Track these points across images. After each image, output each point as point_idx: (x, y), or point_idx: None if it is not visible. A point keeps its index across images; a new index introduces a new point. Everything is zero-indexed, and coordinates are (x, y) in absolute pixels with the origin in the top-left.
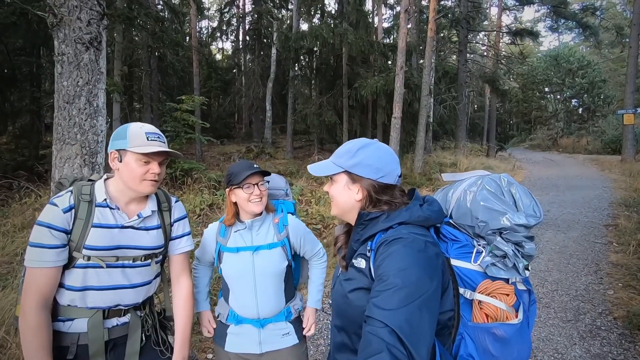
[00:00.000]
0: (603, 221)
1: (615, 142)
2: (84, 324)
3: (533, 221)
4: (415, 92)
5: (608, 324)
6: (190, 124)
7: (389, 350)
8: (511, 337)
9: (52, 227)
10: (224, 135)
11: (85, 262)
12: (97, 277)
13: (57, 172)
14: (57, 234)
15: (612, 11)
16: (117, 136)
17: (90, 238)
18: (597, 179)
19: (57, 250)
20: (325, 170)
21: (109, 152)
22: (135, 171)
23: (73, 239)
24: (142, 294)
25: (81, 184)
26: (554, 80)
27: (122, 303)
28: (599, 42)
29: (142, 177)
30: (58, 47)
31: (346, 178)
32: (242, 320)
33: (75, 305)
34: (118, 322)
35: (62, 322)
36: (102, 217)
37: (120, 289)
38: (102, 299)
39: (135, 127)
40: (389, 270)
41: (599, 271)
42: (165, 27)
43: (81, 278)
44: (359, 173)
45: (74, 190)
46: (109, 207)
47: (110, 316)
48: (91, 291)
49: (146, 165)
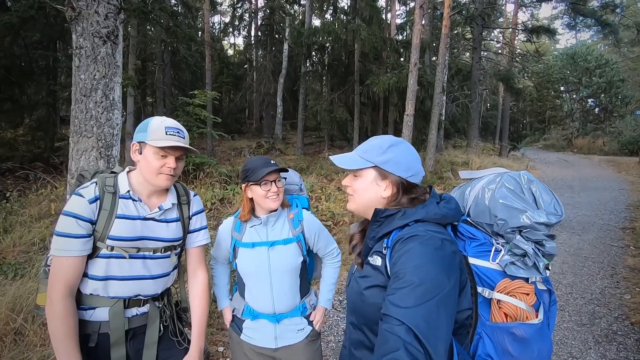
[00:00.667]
0: (620, 224)
1: (633, 144)
2: (105, 313)
3: (554, 219)
4: (428, 89)
5: (625, 329)
6: (202, 118)
7: (405, 348)
8: (531, 337)
9: (79, 217)
10: (234, 130)
11: (109, 252)
12: (119, 267)
13: (74, 164)
14: (83, 224)
15: (632, 8)
16: (140, 129)
17: (114, 229)
18: (613, 181)
19: (83, 240)
20: (353, 163)
21: (132, 144)
22: (152, 164)
23: (98, 229)
24: (161, 285)
25: (104, 176)
26: (570, 79)
27: (142, 293)
28: (618, 40)
29: (158, 171)
30: (76, 41)
31: (375, 173)
32: (258, 315)
33: (97, 294)
34: (138, 311)
35: (84, 311)
36: (125, 208)
37: (140, 280)
38: (124, 288)
39: (156, 121)
40: (405, 267)
41: (615, 275)
42: (179, 22)
43: (104, 268)
44: (390, 170)
45: (98, 182)
46: (131, 198)
47: (130, 306)
48: (113, 281)
49: (163, 159)
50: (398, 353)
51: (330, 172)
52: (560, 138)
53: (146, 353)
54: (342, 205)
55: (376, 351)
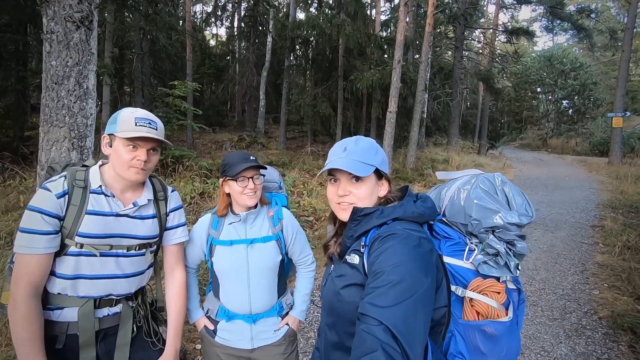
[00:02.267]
0: (590, 222)
1: (603, 145)
2: (74, 313)
3: (525, 220)
4: (411, 87)
5: (593, 323)
6: (182, 110)
7: (383, 348)
8: (501, 334)
9: (45, 213)
10: (216, 123)
11: (78, 250)
12: (89, 265)
13: (44, 155)
14: (50, 219)
15: (606, 14)
16: (110, 121)
17: (83, 225)
18: (584, 180)
19: (49, 237)
20: (363, 170)
21: (102, 137)
22: (123, 157)
23: (66, 225)
24: (135, 284)
25: (75, 169)
26: (546, 80)
27: (114, 293)
28: (592, 44)
29: (129, 164)
30: (47, 25)
31: (374, 176)
32: (234, 316)
33: (66, 293)
34: (109, 312)
35: (51, 311)
36: (96, 204)
37: (112, 279)
38: (94, 288)
39: (126, 111)
40: (383, 266)
41: (585, 271)
42: (159, 10)
43: (73, 266)
44: (384, 169)
45: (68, 176)
46: (104, 194)
47: (101, 306)
48: (83, 280)
49: (133, 152)
50: (375, 354)
51: (313, 167)
52: (535, 138)
53: (118, 354)
54: (324, 200)
55: (353, 352)
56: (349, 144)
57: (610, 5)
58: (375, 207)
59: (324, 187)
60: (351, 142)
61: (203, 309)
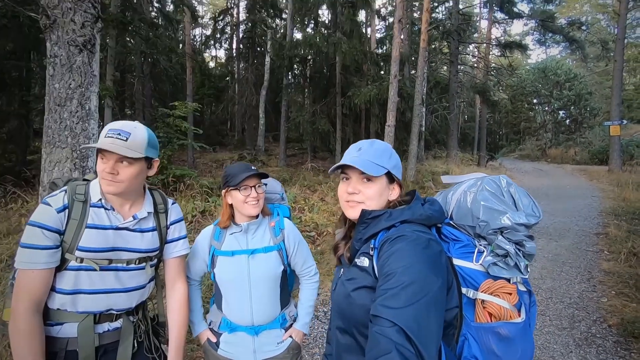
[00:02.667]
0: (594, 230)
1: (602, 153)
2: (73, 329)
3: (533, 220)
4: (408, 101)
5: (603, 331)
6: (183, 130)
7: (397, 350)
8: (515, 336)
9: (45, 227)
10: (216, 142)
11: (78, 264)
12: (89, 280)
13: (46, 176)
14: (50, 234)
15: (597, 26)
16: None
17: (84, 239)
18: (586, 189)
19: (49, 252)
20: (375, 170)
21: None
22: (99, 168)
23: (66, 239)
24: (136, 299)
25: (76, 184)
26: (542, 92)
27: (114, 307)
28: (585, 55)
29: (100, 175)
30: (50, 49)
31: (386, 179)
32: (236, 328)
33: (65, 309)
34: (109, 327)
35: (51, 327)
36: (96, 217)
37: (112, 293)
38: (94, 303)
39: (109, 124)
40: (394, 267)
41: (591, 279)
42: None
43: (72, 281)
44: (397, 173)
45: (68, 190)
46: (103, 207)
47: (101, 321)
48: (82, 295)
49: (103, 164)
50: (390, 355)
51: (313, 184)
52: (534, 148)
53: None
54: (325, 216)
55: (367, 354)
56: (364, 145)
57: (600, 18)
58: (384, 209)
59: (325, 202)
60: (366, 144)
61: (206, 322)
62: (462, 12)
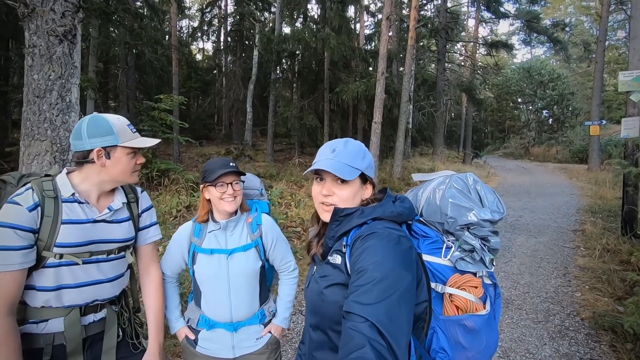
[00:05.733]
0: (571, 226)
1: (582, 152)
2: (59, 324)
3: (497, 216)
4: (395, 98)
5: (576, 324)
6: (168, 123)
7: (370, 344)
8: (480, 327)
9: (18, 227)
10: (203, 136)
11: (58, 261)
12: (71, 274)
13: (25, 169)
14: (23, 234)
15: (580, 28)
16: (100, 132)
17: (61, 235)
18: (565, 187)
19: (24, 252)
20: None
21: (94, 150)
22: (128, 165)
23: (41, 238)
24: (118, 287)
25: (40, 180)
26: (526, 91)
27: (99, 298)
28: (568, 56)
29: (133, 169)
30: (29, 39)
31: (359, 180)
32: (215, 324)
33: (50, 305)
34: (95, 317)
35: (34, 324)
36: (71, 212)
37: (97, 284)
38: (80, 295)
39: (116, 121)
40: (366, 264)
41: (567, 274)
42: (144, 25)
43: (54, 277)
44: (370, 174)
45: (35, 187)
46: (77, 201)
47: (86, 313)
48: (67, 289)
49: (134, 158)
50: (364, 350)
51: (300, 179)
52: (518, 146)
53: (105, 358)
54: (311, 211)
55: (341, 349)
56: (338, 146)
57: (584, 20)
58: (356, 207)
59: (312, 198)
60: (340, 144)
61: (184, 319)
62: (450, 10)
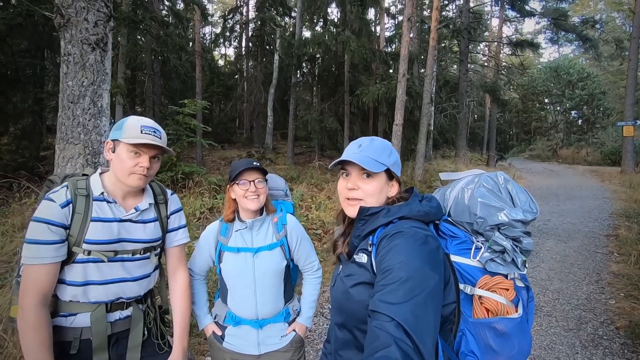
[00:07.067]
0: (604, 231)
1: (615, 154)
2: (86, 319)
3: (530, 216)
4: (417, 100)
5: (610, 333)
6: (192, 127)
7: (396, 344)
8: (512, 331)
9: (50, 223)
10: (225, 139)
11: (86, 257)
12: (98, 271)
13: (60, 172)
14: (56, 229)
15: (611, 24)
16: (116, 127)
17: (90, 232)
18: (597, 190)
19: (55, 246)
20: (375, 166)
21: (105, 142)
22: (125, 163)
23: (72, 233)
24: (144, 287)
25: (75, 179)
26: (553, 91)
27: (124, 296)
28: (598, 54)
29: (131, 170)
30: (64, 48)
31: (385, 176)
32: (241, 321)
33: (77, 300)
34: (120, 315)
35: (64, 317)
36: (100, 211)
37: (121, 282)
38: (105, 292)
39: (133, 119)
40: (392, 263)
41: (600, 281)
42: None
43: (82, 273)
44: (396, 171)
45: (70, 185)
46: (106, 200)
47: (112, 309)
48: (93, 285)
49: (136, 158)
50: (389, 349)
51: (321, 182)
52: (545, 148)
53: (129, 355)
54: (332, 214)
55: (366, 348)
56: (364, 142)
57: (615, 16)
58: (382, 206)
59: (332, 200)
60: (367, 141)
61: (212, 315)
62: (473, 10)
